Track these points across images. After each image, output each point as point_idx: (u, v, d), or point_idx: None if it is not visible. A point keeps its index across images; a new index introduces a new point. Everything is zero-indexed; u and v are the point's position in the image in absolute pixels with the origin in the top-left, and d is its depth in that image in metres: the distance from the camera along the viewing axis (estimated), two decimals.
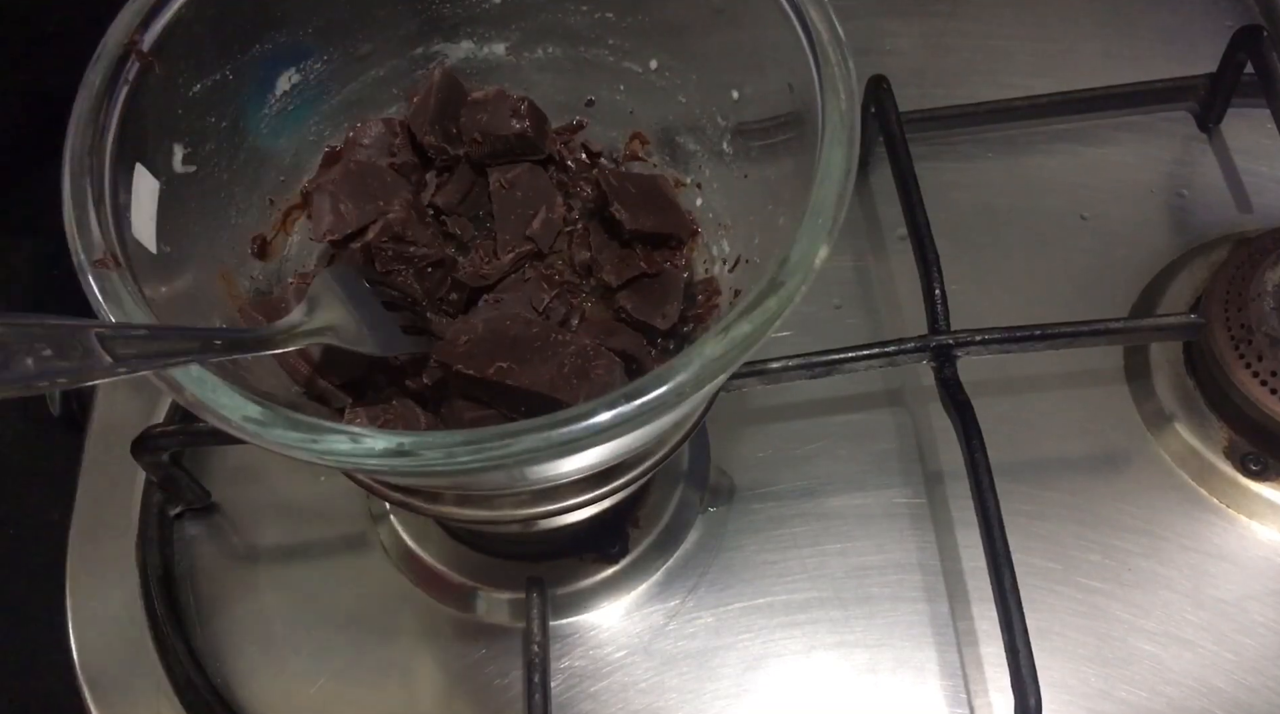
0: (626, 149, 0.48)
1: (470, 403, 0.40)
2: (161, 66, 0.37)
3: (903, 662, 0.50)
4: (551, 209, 0.46)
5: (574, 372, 0.39)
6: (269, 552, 0.54)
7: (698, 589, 0.52)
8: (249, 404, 0.31)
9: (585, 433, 0.30)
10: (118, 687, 0.50)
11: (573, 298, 0.45)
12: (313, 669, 0.51)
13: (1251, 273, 0.53)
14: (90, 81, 0.36)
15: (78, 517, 0.54)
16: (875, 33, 0.68)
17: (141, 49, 0.36)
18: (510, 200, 0.45)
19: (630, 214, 0.43)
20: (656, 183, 0.46)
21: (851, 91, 0.36)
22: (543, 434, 0.30)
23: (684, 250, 0.45)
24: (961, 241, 0.58)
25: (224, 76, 0.40)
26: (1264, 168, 0.63)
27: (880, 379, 0.57)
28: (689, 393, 0.31)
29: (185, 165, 0.39)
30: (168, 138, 0.38)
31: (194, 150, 0.39)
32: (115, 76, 0.36)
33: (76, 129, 0.35)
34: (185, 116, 0.39)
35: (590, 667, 0.50)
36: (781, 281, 0.32)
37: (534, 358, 0.39)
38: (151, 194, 0.37)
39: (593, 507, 0.42)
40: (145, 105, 0.37)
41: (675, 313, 0.44)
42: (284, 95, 0.43)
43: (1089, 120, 0.64)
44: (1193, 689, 0.49)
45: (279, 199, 0.44)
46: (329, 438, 0.30)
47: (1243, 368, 0.52)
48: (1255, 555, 0.52)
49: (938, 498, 0.53)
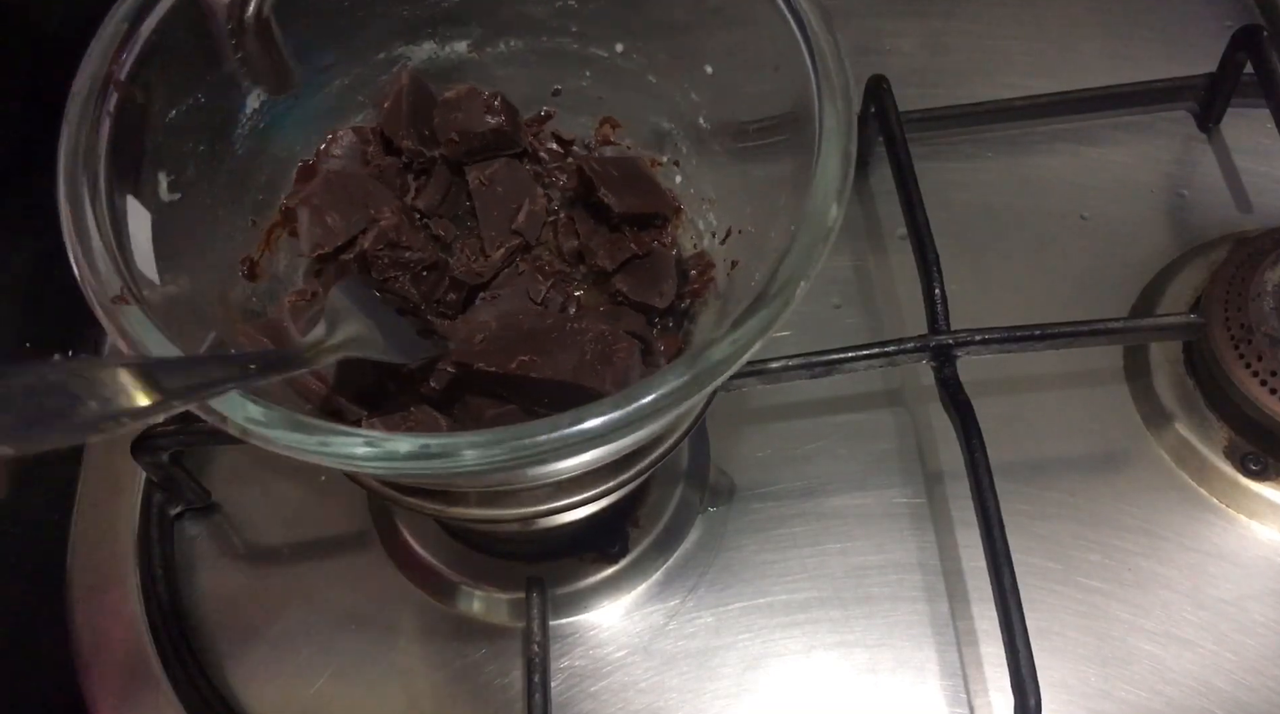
0: (597, 134, 0.48)
1: (490, 401, 0.40)
2: (140, 94, 0.37)
3: (903, 661, 0.50)
4: (534, 201, 0.46)
5: (596, 357, 0.39)
6: (269, 551, 0.54)
7: (698, 589, 0.52)
8: (250, 405, 0.31)
9: (580, 437, 0.30)
10: (118, 687, 0.50)
11: (567, 287, 0.45)
12: (313, 669, 0.51)
13: (1251, 273, 0.53)
14: (72, 119, 0.35)
15: (78, 516, 0.54)
16: (875, 33, 0.68)
17: (120, 79, 0.36)
18: (492, 196, 0.45)
19: (617, 197, 0.43)
20: (636, 164, 0.46)
21: (847, 84, 0.36)
22: (555, 433, 0.30)
23: (669, 228, 0.46)
24: (961, 241, 0.59)
25: (196, 100, 0.40)
26: (1264, 168, 0.63)
27: (880, 379, 0.57)
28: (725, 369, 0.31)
29: (171, 193, 0.39)
30: (152, 167, 0.38)
31: (177, 177, 0.39)
32: (97, 111, 0.35)
33: (66, 168, 0.34)
34: (165, 143, 0.39)
35: (590, 666, 0.50)
36: (773, 295, 0.33)
37: (554, 348, 0.39)
38: (145, 225, 0.37)
39: (592, 505, 0.42)
40: (129, 136, 0.36)
41: (672, 291, 0.44)
42: (254, 113, 0.43)
43: (1089, 120, 0.64)
44: (1193, 689, 0.49)
45: (260, 219, 0.44)
46: (339, 441, 0.30)
47: (1242, 368, 0.52)
48: (1255, 555, 0.52)
49: (938, 498, 0.54)
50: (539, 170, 0.47)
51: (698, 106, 0.44)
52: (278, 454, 0.31)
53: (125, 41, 0.37)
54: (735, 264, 0.43)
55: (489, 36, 0.47)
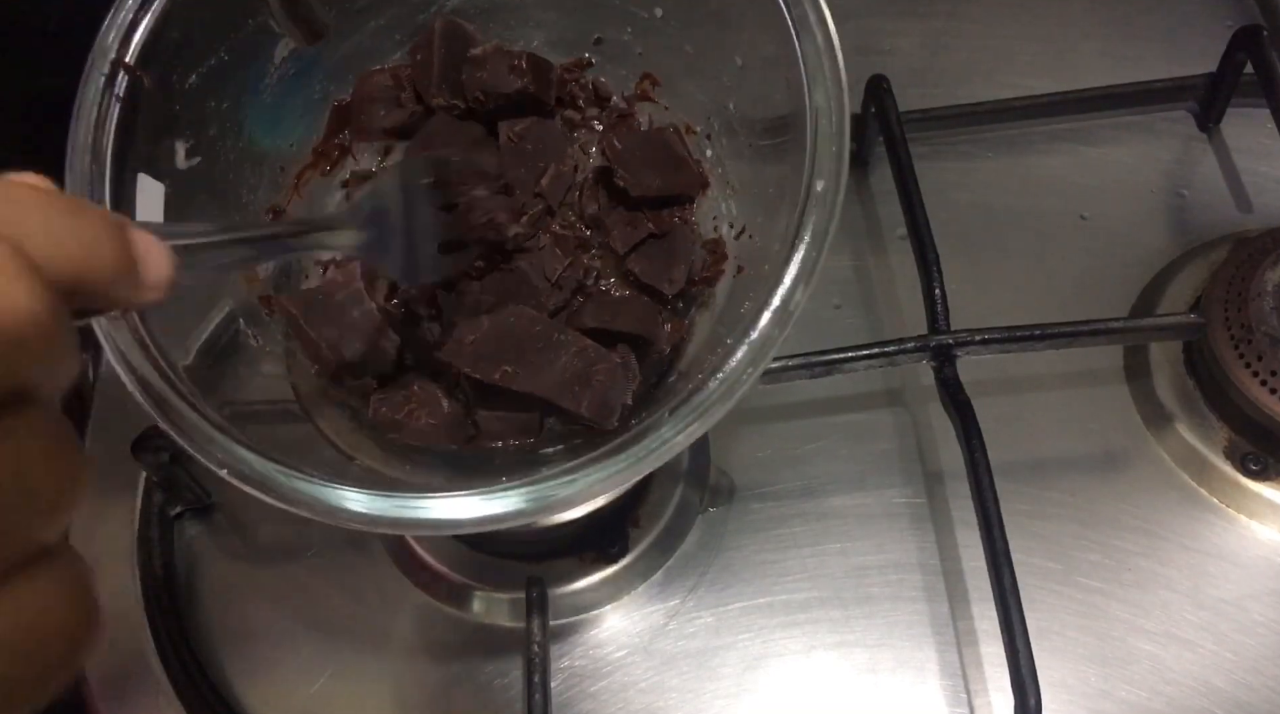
0: (638, 89, 0.47)
1: (493, 413, 0.41)
2: (152, 75, 0.36)
3: (902, 661, 0.50)
4: (561, 162, 0.45)
5: (575, 377, 0.39)
6: (269, 552, 0.54)
7: (698, 589, 0.52)
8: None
9: (488, 521, 0.33)
10: (118, 687, 0.50)
11: (584, 256, 0.45)
12: (313, 669, 0.51)
13: (1251, 273, 0.53)
14: (83, 104, 0.35)
15: (78, 516, 0.54)
16: (875, 33, 0.68)
17: (129, 64, 0.36)
18: (520, 153, 0.45)
19: (635, 179, 0.43)
20: (666, 139, 0.45)
21: (841, 89, 0.36)
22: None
23: (693, 206, 0.45)
24: (961, 241, 0.58)
25: (219, 60, 0.39)
26: (1264, 167, 0.63)
27: (880, 379, 0.57)
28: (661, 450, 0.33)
29: (189, 159, 0.39)
30: (168, 139, 0.38)
31: (196, 142, 0.39)
32: (106, 95, 0.35)
33: (77, 152, 0.34)
34: (183, 112, 0.39)
35: (590, 666, 0.50)
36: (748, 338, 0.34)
37: (537, 360, 0.40)
38: (157, 198, 0.37)
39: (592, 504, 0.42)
40: (140, 116, 0.36)
41: (683, 277, 0.44)
42: (283, 62, 0.42)
43: (1089, 120, 0.64)
44: (1193, 689, 0.49)
45: (289, 165, 0.44)
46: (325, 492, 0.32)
47: (1242, 367, 0.52)
48: (1255, 555, 0.52)
49: (938, 497, 0.53)
50: (576, 118, 0.47)
51: (729, 91, 0.44)
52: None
53: (133, 25, 0.36)
54: (741, 270, 0.43)
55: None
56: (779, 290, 0.35)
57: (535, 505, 0.33)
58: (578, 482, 0.33)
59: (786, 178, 0.37)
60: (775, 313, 0.34)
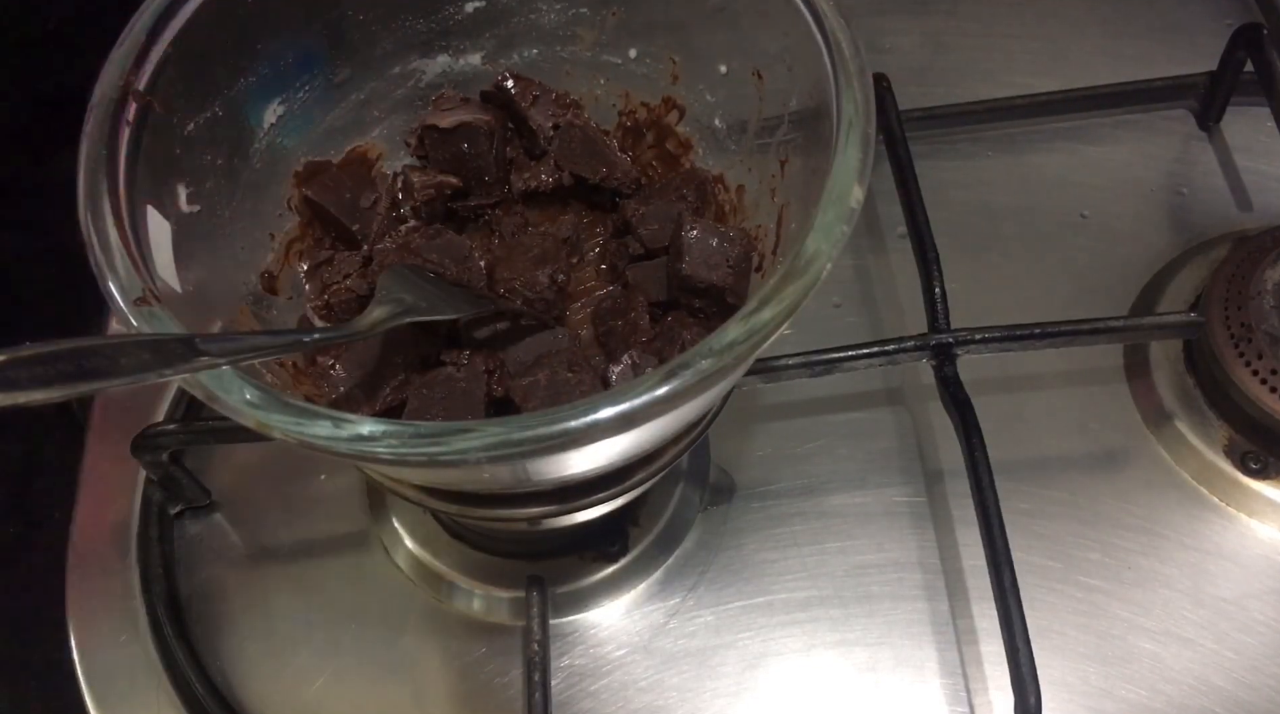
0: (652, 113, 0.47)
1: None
2: (159, 105, 0.37)
3: (903, 660, 0.50)
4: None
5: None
6: (269, 551, 0.54)
7: (698, 588, 0.52)
8: (249, 387, 0.31)
9: (577, 431, 0.30)
10: (118, 686, 0.50)
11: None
12: (313, 668, 0.51)
13: (1251, 271, 0.53)
14: (92, 126, 0.35)
15: (78, 516, 0.54)
16: (875, 32, 0.68)
17: (138, 89, 0.36)
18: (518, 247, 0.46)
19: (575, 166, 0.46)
20: (594, 137, 0.46)
21: (863, 68, 0.36)
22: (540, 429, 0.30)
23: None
24: (961, 240, 0.59)
25: (214, 113, 0.40)
26: (1264, 166, 0.63)
27: (880, 377, 0.57)
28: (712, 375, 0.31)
29: (190, 205, 0.39)
30: (171, 178, 0.38)
31: (196, 189, 0.39)
32: (116, 120, 0.36)
33: (86, 175, 0.35)
34: (185, 156, 0.39)
35: (590, 665, 0.50)
36: (800, 271, 0.33)
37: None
38: (165, 235, 0.37)
39: (608, 504, 0.41)
40: (148, 146, 0.36)
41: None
42: (271, 128, 0.43)
43: (1089, 118, 0.64)
44: (1193, 687, 0.49)
45: (278, 233, 0.44)
46: (314, 422, 0.30)
47: (1242, 366, 0.52)
48: (1255, 554, 0.52)
49: (937, 496, 0.54)
50: (538, 149, 0.47)
51: (712, 108, 0.45)
52: (280, 450, 0.31)
53: (143, 53, 0.37)
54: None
55: (501, 48, 0.47)
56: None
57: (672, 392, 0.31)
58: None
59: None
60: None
